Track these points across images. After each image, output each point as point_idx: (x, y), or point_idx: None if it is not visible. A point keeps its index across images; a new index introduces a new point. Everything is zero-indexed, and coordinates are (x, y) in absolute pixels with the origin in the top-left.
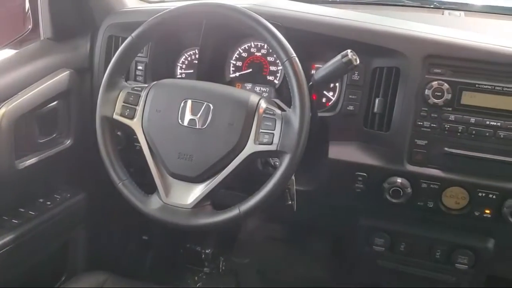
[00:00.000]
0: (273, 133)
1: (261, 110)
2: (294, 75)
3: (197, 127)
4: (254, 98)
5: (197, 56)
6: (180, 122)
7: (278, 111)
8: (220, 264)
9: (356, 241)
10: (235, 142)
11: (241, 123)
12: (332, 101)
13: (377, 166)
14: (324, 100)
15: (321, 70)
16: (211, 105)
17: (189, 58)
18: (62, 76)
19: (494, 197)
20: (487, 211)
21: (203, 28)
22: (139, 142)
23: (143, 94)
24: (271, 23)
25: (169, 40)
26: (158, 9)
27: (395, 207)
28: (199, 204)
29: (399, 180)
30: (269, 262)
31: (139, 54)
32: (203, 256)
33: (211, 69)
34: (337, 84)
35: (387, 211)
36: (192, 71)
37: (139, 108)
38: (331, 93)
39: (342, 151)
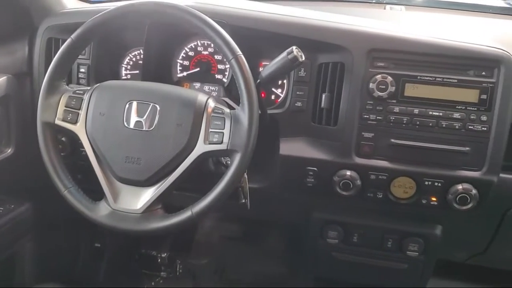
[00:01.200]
0: (222, 132)
1: (209, 110)
2: (241, 73)
3: (144, 129)
4: (202, 98)
5: (142, 56)
6: (126, 125)
7: (227, 110)
8: (177, 267)
9: (310, 235)
10: (184, 143)
11: (189, 123)
12: (281, 98)
13: (326, 160)
14: (273, 97)
15: (267, 67)
16: (157, 106)
17: (134, 59)
18: None
19: (439, 185)
20: (434, 199)
21: (147, 27)
22: (84, 147)
23: (86, 97)
24: (215, 21)
25: (112, 41)
26: (99, 9)
27: (346, 200)
28: (150, 208)
29: (348, 173)
30: (227, 262)
31: (81, 56)
32: (159, 260)
33: (157, 69)
34: (285, 81)
35: (338, 203)
36: (137, 71)
37: (82, 112)
38: (279, 90)
39: (292, 147)
